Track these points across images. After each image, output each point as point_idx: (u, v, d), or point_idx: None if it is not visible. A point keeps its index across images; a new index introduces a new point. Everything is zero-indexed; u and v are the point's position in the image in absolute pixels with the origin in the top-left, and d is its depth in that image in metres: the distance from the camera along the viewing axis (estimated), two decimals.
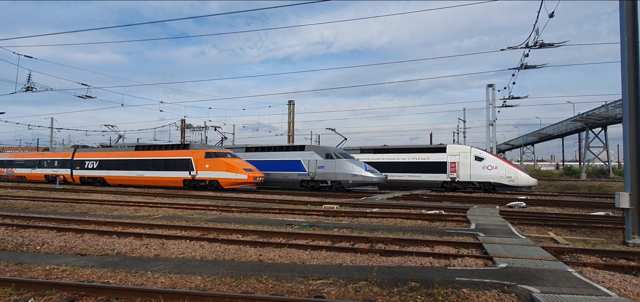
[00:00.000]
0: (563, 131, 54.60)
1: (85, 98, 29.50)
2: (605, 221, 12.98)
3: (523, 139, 72.70)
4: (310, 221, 12.59)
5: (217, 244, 8.99)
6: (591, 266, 7.23)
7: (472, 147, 29.19)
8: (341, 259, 7.77)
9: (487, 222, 12.11)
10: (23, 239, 9.76)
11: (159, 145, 33.42)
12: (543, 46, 17.56)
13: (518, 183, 26.86)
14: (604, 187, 31.10)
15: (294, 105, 43.09)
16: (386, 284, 5.90)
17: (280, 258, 7.89)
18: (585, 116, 44.53)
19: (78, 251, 8.68)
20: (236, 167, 27.49)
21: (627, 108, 9.47)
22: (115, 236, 9.95)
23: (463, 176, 28.27)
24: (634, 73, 9.46)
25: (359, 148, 33.36)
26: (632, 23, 9.54)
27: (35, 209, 15.97)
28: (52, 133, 60.95)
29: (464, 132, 49.55)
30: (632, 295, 5.71)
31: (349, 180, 26.97)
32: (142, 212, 15.52)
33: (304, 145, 30.49)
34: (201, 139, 53.16)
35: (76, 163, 35.54)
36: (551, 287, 5.55)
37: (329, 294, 5.57)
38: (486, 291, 5.51)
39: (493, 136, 36.51)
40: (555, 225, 12.31)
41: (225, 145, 40.39)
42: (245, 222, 12.14)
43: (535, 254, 7.71)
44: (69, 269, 6.80)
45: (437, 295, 5.46)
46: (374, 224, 12.35)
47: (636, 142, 9.43)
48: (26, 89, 26.07)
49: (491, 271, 6.45)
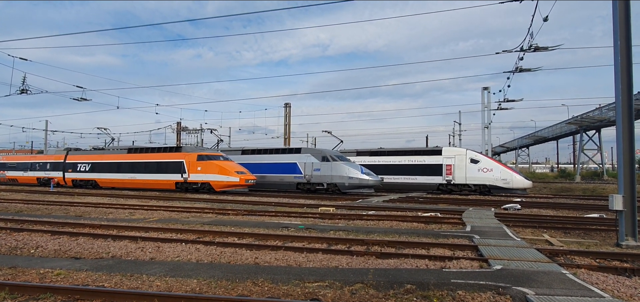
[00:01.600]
0: (557, 134, 54.99)
1: (80, 100, 29.40)
2: (599, 223, 13.08)
3: (518, 141, 73.13)
4: (306, 224, 12.59)
5: (213, 247, 8.97)
6: (585, 267, 7.29)
7: (467, 149, 29.32)
8: (337, 262, 7.78)
9: (483, 224, 12.16)
10: (17, 242, 9.68)
11: (151, 148, 33.37)
12: (538, 49, 17.69)
13: (513, 185, 27.01)
14: (598, 190, 31.34)
15: (290, 108, 43.14)
16: (382, 287, 5.92)
17: (277, 261, 7.88)
18: (580, 119, 44.86)
19: (73, 255, 8.62)
20: (228, 169, 27.54)
21: (620, 111, 9.57)
22: (110, 239, 9.89)
23: (459, 179, 28.38)
24: (627, 76, 9.56)
25: (355, 151, 33.41)
26: (625, 26, 9.65)
27: (29, 212, 15.85)
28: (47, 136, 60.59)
29: (459, 135, 49.79)
30: (625, 296, 5.77)
31: (345, 183, 27.00)
32: (137, 215, 15.45)
33: (300, 148, 30.49)
34: (197, 141, 53.03)
35: (68, 166, 35.36)
36: (545, 288, 5.59)
37: (325, 297, 5.58)
38: (481, 293, 5.54)
39: (488, 139, 36.70)
40: (550, 227, 12.39)
41: (221, 148, 40.29)
42: (241, 225, 12.12)
43: (530, 256, 7.76)
44: (63, 273, 6.75)
45: (433, 297, 5.48)
46: (370, 226, 12.37)
47: (629, 144, 9.53)
48: (21, 91, 25.93)
49: (486, 273, 6.48)
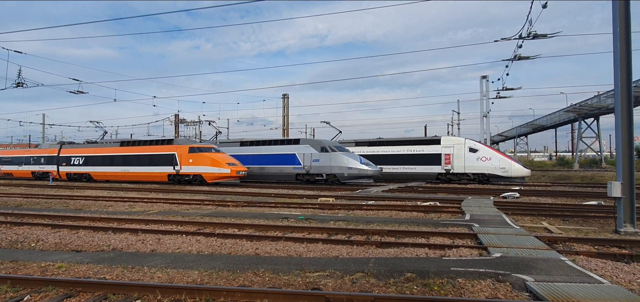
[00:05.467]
0: (556, 122, 55.03)
1: (77, 93, 29.28)
2: (597, 210, 13.15)
3: (516, 130, 73.16)
4: (306, 214, 12.63)
5: (214, 239, 9.00)
6: (584, 254, 7.33)
7: (466, 138, 29.32)
8: (337, 252, 7.81)
9: (482, 212, 12.21)
10: (17, 236, 9.70)
11: (143, 141, 33.37)
12: (536, 37, 17.64)
13: (512, 174, 27.07)
14: (597, 177, 31.46)
15: (288, 99, 42.96)
16: (382, 275, 5.96)
17: (277, 251, 7.91)
18: (578, 107, 44.89)
19: (73, 248, 8.64)
20: (219, 161, 27.65)
21: (619, 98, 9.56)
22: (111, 232, 9.91)
23: (457, 168, 28.43)
24: (626, 63, 9.53)
25: (354, 141, 33.38)
26: (624, 13, 9.60)
27: (29, 206, 15.86)
28: (44, 129, 60.42)
29: (458, 124, 49.83)
30: (624, 282, 5.81)
31: (344, 173, 27.03)
32: (137, 207, 15.47)
33: (298, 139, 30.45)
34: (195, 133, 52.94)
35: (62, 160, 35.32)
36: (545, 275, 5.63)
37: (326, 286, 5.61)
38: (481, 281, 5.58)
39: (487, 127, 36.70)
40: (549, 215, 12.45)
41: (220, 140, 40.23)
42: (241, 217, 12.15)
43: (529, 243, 7.80)
44: (64, 266, 6.78)
45: (433, 285, 5.52)
46: (369, 216, 12.41)
47: (628, 132, 9.53)
48: (17, 84, 25.80)
49: (486, 261, 6.52)
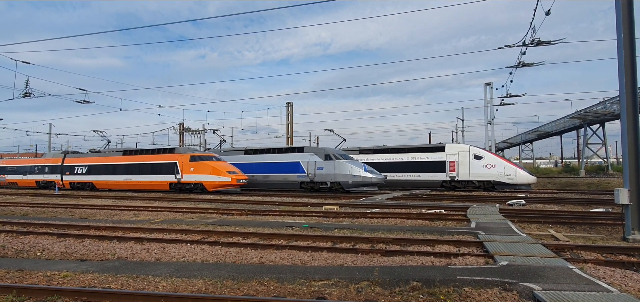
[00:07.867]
0: (561, 128, 54.66)
1: (83, 103, 29.58)
2: (604, 217, 13.02)
3: (521, 137, 72.76)
4: (310, 223, 12.59)
5: (218, 247, 8.99)
6: (592, 262, 7.25)
7: (471, 146, 29.23)
8: (342, 260, 7.77)
9: (487, 220, 12.13)
10: (23, 245, 9.74)
11: (145, 150, 33.75)
12: (540, 44, 17.64)
13: (517, 181, 26.91)
14: (603, 184, 31.19)
15: (292, 107, 43.09)
16: (388, 284, 5.91)
17: (282, 260, 7.88)
18: (583, 113, 44.60)
19: (79, 257, 8.66)
20: (220, 170, 27.83)
21: (625, 104, 9.51)
22: (116, 241, 9.93)
23: (462, 175, 28.31)
24: (631, 69, 9.49)
25: (358, 149, 33.37)
26: (628, 19, 9.57)
27: (35, 215, 15.93)
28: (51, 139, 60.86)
29: (462, 131, 49.68)
30: (633, 290, 5.73)
31: (349, 181, 26.98)
32: (141, 216, 15.51)
33: (303, 147, 30.49)
34: (200, 142, 53.11)
35: (66, 169, 35.70)
36: (553, 284, 5.56)
37: (331, 295, 5.57)
38: (488, 289, 5.52)
39: (491, 135, 36.57)
40: (555, 222, 12.34)
41: (224, 148, 40.34)
42: (245, 225, 12.13)
43: (536, 251, 7.73)
44: (70, 275, 6.78)
45: (439, 294, 5.47)
46: (374, 224, 12.35)
47: (634, 138, 9.46)
48: (24, 94, 26.10)
49: (492, 269, 6.46)
